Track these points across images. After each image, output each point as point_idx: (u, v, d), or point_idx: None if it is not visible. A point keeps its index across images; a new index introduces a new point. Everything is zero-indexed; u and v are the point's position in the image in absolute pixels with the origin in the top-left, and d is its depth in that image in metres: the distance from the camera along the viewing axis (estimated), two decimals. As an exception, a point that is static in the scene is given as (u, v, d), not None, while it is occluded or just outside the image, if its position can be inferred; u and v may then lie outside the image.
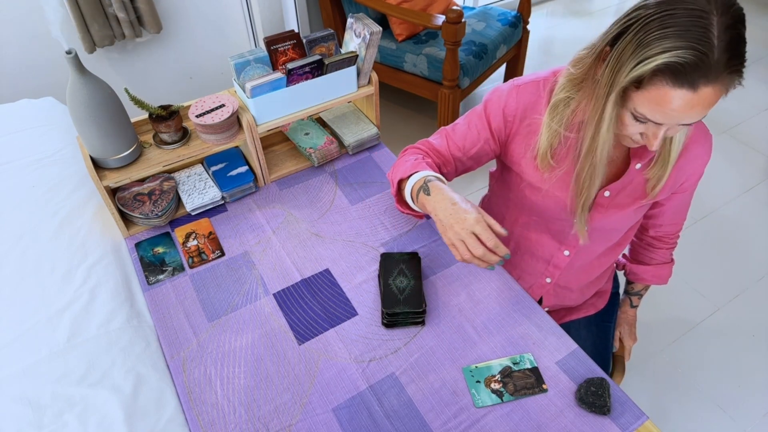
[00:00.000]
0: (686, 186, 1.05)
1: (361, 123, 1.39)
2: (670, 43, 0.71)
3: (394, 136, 2.56)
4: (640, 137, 0.85)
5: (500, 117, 1.00)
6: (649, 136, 0.83)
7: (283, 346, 0.99)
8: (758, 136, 2.60)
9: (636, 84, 0.77)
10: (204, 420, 0.89)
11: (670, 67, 0.72)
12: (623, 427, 0.87)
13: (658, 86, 0.74)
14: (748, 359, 1.78)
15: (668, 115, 0.77)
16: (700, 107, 0.75)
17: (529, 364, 0.95)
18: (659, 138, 0.81)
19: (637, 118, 0.81)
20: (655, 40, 0.73)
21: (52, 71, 2.18)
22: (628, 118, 0.82)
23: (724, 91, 0.75)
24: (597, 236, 1.07)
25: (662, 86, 0.74)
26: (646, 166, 0.98)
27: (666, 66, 0.72)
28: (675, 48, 0.71)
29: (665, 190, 1.02)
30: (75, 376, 0.92)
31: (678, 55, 0.71)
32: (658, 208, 1.11)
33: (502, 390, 0.91)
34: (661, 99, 0.75)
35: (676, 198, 1.08)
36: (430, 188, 0.95)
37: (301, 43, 1.22)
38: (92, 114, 1.03)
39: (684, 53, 0.71)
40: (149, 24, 2.18)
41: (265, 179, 1.29)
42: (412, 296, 1.01)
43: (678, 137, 0.92)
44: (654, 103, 0.76)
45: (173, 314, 1.04)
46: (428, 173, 0.97)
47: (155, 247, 1.16)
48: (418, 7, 2.34)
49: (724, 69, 0.72)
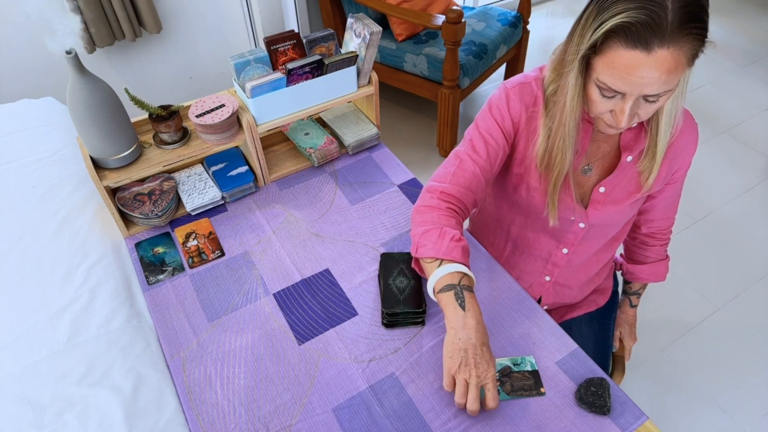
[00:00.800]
0: (677, 176, 1.06)
1: (361, 123, 1.39)
2: (623, 5, 0.73)
3: (394, 136, 2.56)
4: (611, 117, 0.86)
5: (508, 119, 1.00)
6: (617, 112, 0.83)
7: (283, 346, 0.99)
8: (758, 136, 2.60)
9: (593, 50, 0.78)
10: (204, 420, 0.89)
11: (623, 26, 0.73)
12: (623, 427, 0.87)
13: (613, 48, 0.76)
14: (748, 359, 1.78)
15: (627, 81, 0.77)
16: (657, 71, 0.75)
17: (530, 366, 0.95)
18: (626, 112, 0.81)
19: (602, 92, 0.82)
20: (612, 4, 0.75)
21: (52, 71, 2.18)
22: (595, 93, 0.83)
23: (684, 57, 0.75)
24: (594, 233, 1.08)
25: (617, 48, 0.75)
26: (638, 159, 0.99)
27: (618, 26, 0.74)
28: (627, 9, 0.73)
29: (659, 181, 1.03)
30: (75, 376, 0.92)
31: (629, 15, 0.72)
32: (650, 202, 1.11)
33: (498, 388, 0.91)
34: (617, 61, 0.76)
35: (668, 190, 1.09)
36: (466, 302, 0.85)
37: (301, 43, 1.22)
38: (92, 114, 1.03)
39: (635, 13, 0.72)
40: (149, 24, 2.18)
41: (265, 179, 1.29)
42: (412, 296, 1.01)
43: (662, 126, 0.92)
44: (610, 67, 0.77)
45: (173, 314, 1.04)
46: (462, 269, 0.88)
47: (155, 247, 1.16)
48: (418, 7, 2.34)
49: (679, 30, 0.72)
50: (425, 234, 0.93)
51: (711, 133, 2.62)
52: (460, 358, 0.83)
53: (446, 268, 0.88)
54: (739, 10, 3.40)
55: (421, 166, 2.38)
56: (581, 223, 1.05)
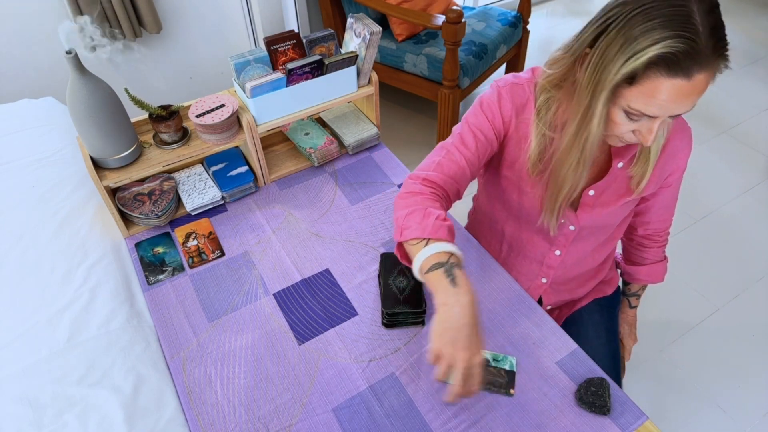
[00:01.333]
0: (671, 180, 1.06)
1: (361, 123, 1.39)
2: (658, 35, 0.72)
3: (394, 136, 2.56)
4: (632, 135, 0.85)
5: (499, 118, 1.00)
6: (643, 132, 0.83)
7: (283, 346, 0.99)
8: (758, 136, 2.60)
9: (629, 80, 0.77)
10: (204, 420, 0.89)
11: (664, 58, 0.72)
12: (623, 427, 0.87)
13: (653, 79, 0.75)
14: (748, 359, 1.78)
15: (663, 107, 0.77)
16: (694, 95, 0.75)
17: (508, 366, 0.94)
18: (654, 132, 0.81)
19: (630, 116, 0.81)
20: (642, 33, 0.73)
21: (52, 71, 2.18)
22: (620, 117, 0.82)
23: (713, 76, 0.76)
24: (586, 233, 1.08)
25: (657, 78, 0.74)
26: (629, 165, 0.98)
27: (659, 57, 0.73)
28: (664, 38, 0.72)
29: (651, 186, 1.02)
30: (75, 376, 0.92)
31: (669, 45, 0.71)
32: (645, 204, 1.11)
33: None
34: (657, 91, 0.75)
35: (663, 193, 1.08)
36: (456, 278, 0.81)
37: (301, 43, 1.22)
38: (92, 114, 1.03)
39: (674, 42, 0.71)
40: (149, 24, 2.18)
41: (265, 179, 1.29)
42: (412, 296, 1.01)
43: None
44: (649, 96, 0.76)
45: (173, 314, 1.04)
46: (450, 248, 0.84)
47: (155, 247, 1.16)
48: (418, 7, 2.34)
49: (713, 54, 0.73)
50: (409, 216, 0.88)
51: (711, 133, 2.62)
52: (449, 338, 0.77)
53: (433, 247, 0.84)
54: (739, 10, 3.39)
55: (421, 166, 2.38)
56: (571, 225, 1.05)
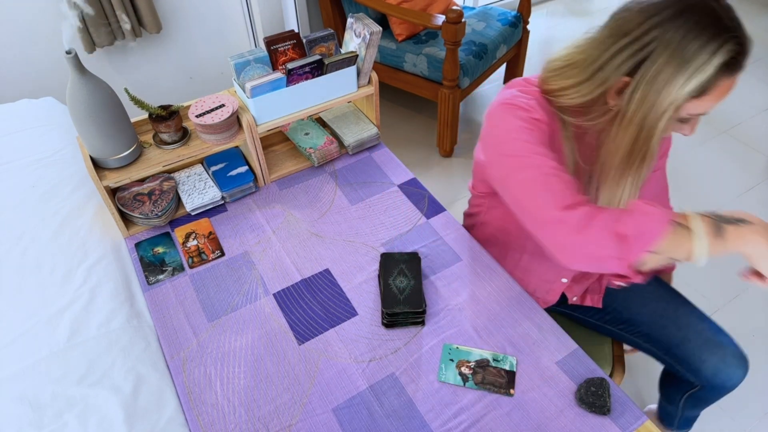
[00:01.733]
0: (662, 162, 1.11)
1: (361, 123, 1.39)
2: (712, 44, 0.75)
3: (394, 136, 2.56)
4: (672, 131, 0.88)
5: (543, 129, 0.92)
6: (689, 126, 0.86)
7: (283, 346, 0.99)
8: (758, 136, 2.60)
9: (697, 94, 0.79)
10: (204, 420, 0.89)
11: (727, 63, 0.76)
12: (623, 427, 0.87)
13: (721, 84, 0.78)
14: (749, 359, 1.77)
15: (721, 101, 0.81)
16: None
17: (508, 366, 0.95)
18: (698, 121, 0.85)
19: (683, 120, 0.84)
20: (697, 49, 0.75)
21: (52, 71, 2.18)
22: (675, 126, 0.85)
23: None
24: None
25: (724, 82, 0.78)
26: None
27: (724, 64, 0.76)
28: (719, 46, 0.75)
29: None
30: (75, 376, 0.92)
31: (727, 50, 0.75)
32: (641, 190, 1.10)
33: (469, 376, 0.92)
34: (725, 92, 0.79)
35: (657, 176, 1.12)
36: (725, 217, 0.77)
37: (301, 43, 1.22)
38: (92, 114, 1.03)
39: (729, 45, 0.75)
40: (149, 24, 2.18)
41: (265, 179, 1.29)
42: (412, 296, 1.01)
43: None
44: (716, 100, 0.80)
45: (173, 314, 1.04)
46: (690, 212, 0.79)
47: (155, 247, 1.16)
48: (418, 7, 2.34)
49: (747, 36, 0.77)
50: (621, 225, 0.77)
51: (711, 133, 2.62)
52: None
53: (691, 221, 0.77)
54: (739, 10, 3.37)
55: (421, 166, 2.38)
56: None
